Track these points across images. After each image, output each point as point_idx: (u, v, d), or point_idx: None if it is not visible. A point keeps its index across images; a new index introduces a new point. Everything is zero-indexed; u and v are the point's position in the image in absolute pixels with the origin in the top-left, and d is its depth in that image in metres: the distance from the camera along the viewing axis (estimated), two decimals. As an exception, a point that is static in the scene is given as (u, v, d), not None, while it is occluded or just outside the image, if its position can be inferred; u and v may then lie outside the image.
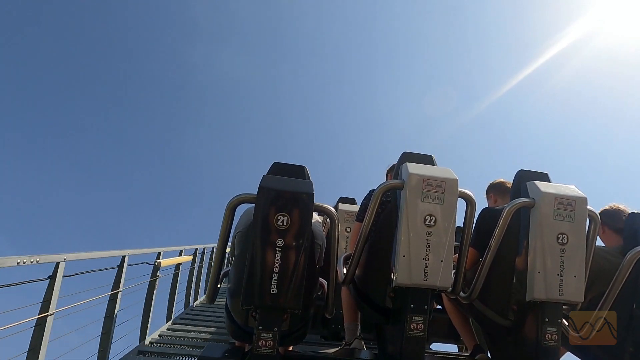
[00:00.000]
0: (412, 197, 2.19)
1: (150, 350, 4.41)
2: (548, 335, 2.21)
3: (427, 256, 2.16)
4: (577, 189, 2.34)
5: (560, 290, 2.21)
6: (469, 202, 2.34)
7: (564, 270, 2.22)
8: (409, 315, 2.17)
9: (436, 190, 2.20)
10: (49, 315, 3.09)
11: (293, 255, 2.07)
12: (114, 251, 4.30)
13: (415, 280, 2.15)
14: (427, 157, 2.57)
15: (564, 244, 2.23)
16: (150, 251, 5.30)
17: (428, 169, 2.30)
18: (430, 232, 2.18)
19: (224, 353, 2.43)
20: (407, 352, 2.17)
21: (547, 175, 2.49)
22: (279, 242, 2.06)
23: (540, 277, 2.21)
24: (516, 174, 2.56)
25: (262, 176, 2.21)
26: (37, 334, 3.02)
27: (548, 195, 2.26)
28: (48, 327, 3.08)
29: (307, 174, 2.47)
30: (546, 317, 2.22)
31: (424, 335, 2.17)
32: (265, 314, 2.08)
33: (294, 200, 2.10)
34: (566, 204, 2.25)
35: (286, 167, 2.45)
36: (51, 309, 3.11)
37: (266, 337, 2.06)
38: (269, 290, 2.04)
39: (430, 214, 2.18)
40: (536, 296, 2.21)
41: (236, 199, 2.18)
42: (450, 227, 2.20)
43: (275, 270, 2.05)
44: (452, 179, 2.23)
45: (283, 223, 2.07)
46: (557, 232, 2.23)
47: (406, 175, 2.23)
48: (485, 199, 3.17)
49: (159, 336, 5.13)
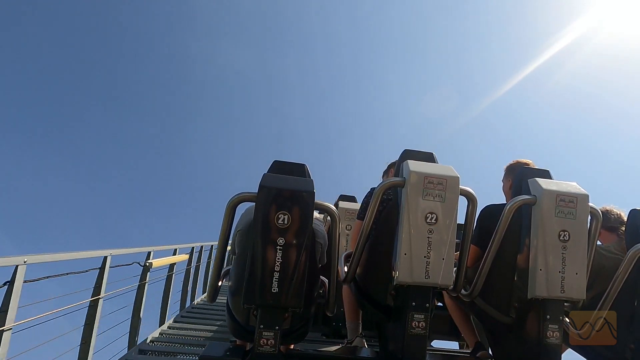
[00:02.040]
0: (413, 195, 2.19)
1: (150, 349, 4.38)
2: (549, 332, 2.21)
3: (428, 254, 2.15)
4: (578, 186, 2.33)
5: (562, 287, 2.20)
6: (470, 199, 2.34)
7: (566, 268, 2.21)
8: (410, 313, 2.17)
9: (437, 188, 2.19)
10: (6, 330, 2.65)
11: (294, 253, 2.07)
12: (94, 251, 3.90)
13: (417, 278, 2.15)
14: (428, 155, 2.56)
15: (566, 241, 2.22)
16: (139, 250, 4.95)
17: (429, 167, 2.30)
18: (431, 230, 2.17)
19: (226, 352, 2.43)
20: (408, 350, 2.17)
21: (548, 172, 2.48)
22: (279, 241, 2.06)
23: (541, 275, 2.21)
24: (518, 172, 2.56)
25: (263, 175, 2.21)
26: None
27: (550, 193, 2.25)
28: (5, 343, 2.63)
29: (307, 172, 2.47)
30: (548, 314, 2.22)
31: (425, 333, 2.17)
32: (267, 312, 2.07)
33: (295, 198, 2.10)
34: (568, 201, 2.25)
35: (286, 166, 2.45)
36: (8, 323, 2.66)
37: (267, 336, 2.06)
38: (270, 288, 2.03)
39: (432, 211, 2.18)
40: (538, 293, 2.21)
41: (237, 197, 2.18)
42: (451, 225, 2.20)
43: (276, 268, 2.04)
44: (453, 177, 2.23)
45: (284, 221, 2.07)
46: (558, 229, 2.22)
47: (407, 173, 2.22)
48: (502, 181, 2.94)
49: (150, 342, 4.80)
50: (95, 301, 3.86)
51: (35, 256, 2.90)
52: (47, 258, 3.03)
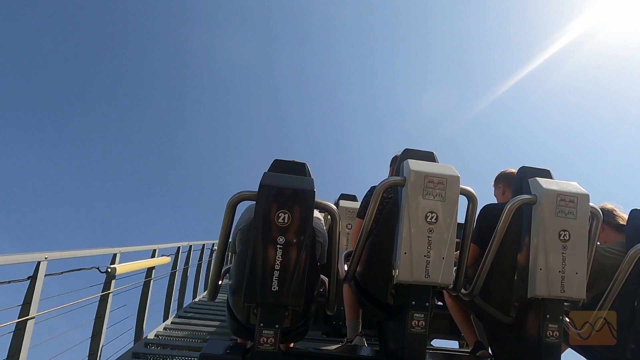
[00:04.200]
0: (413, 194, 2.19)
1: (145, 352, 4.33)
2: (549, 332, 2.21)
3: (428, 253, 2.16)
4: (579, 186, 2.33)
5: (562, 287, 2.20)
6: (470, 199, 2.34)
7: (566, 267, 2.21)
8: (411, 312, 2.17)
9: (438, 187, 2.20)
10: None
11: (294, 252, 2.07)
12: (21, 255, 3.02)
13: (417, 277, 2.15)
14: (428, 154, 2.57)
15: (566, 241, 2.22)
16: (100, 252, 3.97)
17: (430, 166, 2.30)
18: (431, 229, 2.17)
19: (226, 350, 2.44)
20: (408, 349, 2.17)
21: (549, 171, 2.48)
22: (280, 240, 2.06)
23: (542, 274, 2.21)
24: (518, 171, 2.56)
25: (263, 173, 2.21)
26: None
27: (550, 192, 2.25)
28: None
29: (308, 171, 2.47)
30: (548, 314, 2.22)
31: (425, 332, 2.17)
32: (267, 311, 2.08)
33: (295, 197, 2.10)
34: (568, 201, 2.25)
35: (287, 164, 2.45)
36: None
37: (268, 334, 2.07)
38: (270, 287, 2.04)
39: (432, 210, 2.18)
40: (538, 293, 2.21)
41: (237, 196, 2.18)
42: (451, 224, 2.20)
43: (277, 267, 2.05)
44: (453, 176, 2.23)
45: (284, 220, 2.07)
46: (559, 229, 2.22)
47: (407, 172, 2.22)
48: (493, 187, 3.08)
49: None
50: (22, 323, 2.95)
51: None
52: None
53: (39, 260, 2.98)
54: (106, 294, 4.04)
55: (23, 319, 2.89)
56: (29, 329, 2.91)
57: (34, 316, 2.94)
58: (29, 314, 2.91)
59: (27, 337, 2.89)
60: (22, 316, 2.91)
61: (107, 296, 4.06)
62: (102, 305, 4.02)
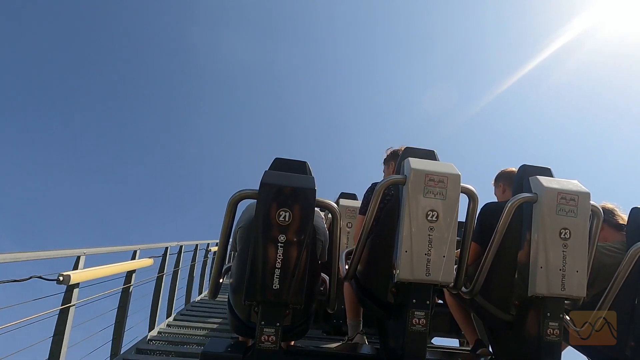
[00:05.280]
0: (414, 193, 2.19)
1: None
2: (550, 330, 2.21)
3: (429, 251, 2.16)
4: (580, 184, 2.33)
5: (563, 285, 2.20)
6: (471, 197, 2.34)
7: (566, 266, 2.21)
8: (411, 310, 2.18)
9: (438, 186, 2.20)
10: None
11: (295, 250, 2.07)
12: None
13: (417, 275, 2.15)
14: (429, 152, 2.57)
15: (567, 239, 2.22)
16: (56, 255, 3.17)
17: (430, 164, 2.30)
18: (432, 228, 2.17)
19: (227, 348, 2.44)
20: (408, 347, 2.17)
21: (549, 170, 2.48)
22: (280, 238, 2.06)
23: (542, 272, 2.21)
24: (519, 169, 2.56)
25: (264, 172, 2.21)
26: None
27: (551, 190, 2.25)
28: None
29: (308, 170, 2.47)
30: (548, 312, 2.22)
31: (425, 330, 2.17)
32: (268, 309, 2.08)
33: (296, 195, 2.10)
34: (569, 199, 2.25)
35: (288, 163, 2.45)
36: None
37: (268, 332, 2.07)
38: (271, 285, 2.04)
39: (433, 209, 2.18)
40: (538, 291, 2.21)
41: (238, 194, 2.19)
42: (452, 223, 2.20)
43: (277, 265, 2.05)
44: (454, 174, 2.23)
45: (285, 219, 2.07)
46: (559, 227, 2.22)
47: (408, 170, 2.22)
48: (493, 186, 3.09)
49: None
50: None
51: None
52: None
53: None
54: (66, 308, 3.29)
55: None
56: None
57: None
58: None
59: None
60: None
61: (68, 310, 3.30)
62: (61, 321, 3.27)
